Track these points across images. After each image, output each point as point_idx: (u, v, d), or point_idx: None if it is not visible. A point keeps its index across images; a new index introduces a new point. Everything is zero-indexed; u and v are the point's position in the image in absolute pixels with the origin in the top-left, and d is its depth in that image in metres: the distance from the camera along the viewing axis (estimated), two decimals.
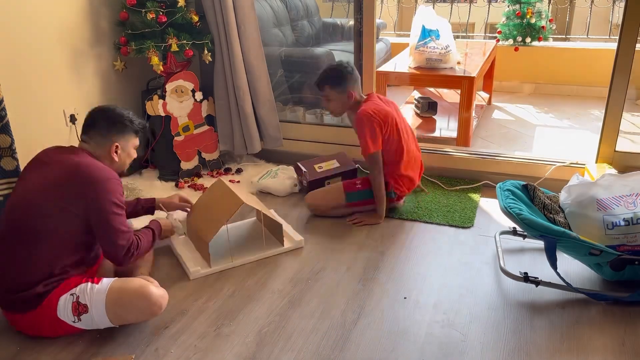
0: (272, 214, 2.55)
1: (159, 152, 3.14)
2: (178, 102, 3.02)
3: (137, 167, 3.24)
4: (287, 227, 2.52)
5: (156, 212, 2.38)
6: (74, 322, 1.84)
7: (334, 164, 2.94)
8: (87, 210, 1.84)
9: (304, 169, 2.89)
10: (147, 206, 2.36)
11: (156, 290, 1.89)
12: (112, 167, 2.00)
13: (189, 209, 2.46)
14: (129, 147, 2.08)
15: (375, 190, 2.56)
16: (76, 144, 2.03)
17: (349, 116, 2.77)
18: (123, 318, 1.87)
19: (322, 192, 2.70)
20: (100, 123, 2.00)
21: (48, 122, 2.69)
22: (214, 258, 2.30)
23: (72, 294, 1.84)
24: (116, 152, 2.02)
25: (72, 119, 2.78)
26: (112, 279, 1.90)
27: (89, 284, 1.86)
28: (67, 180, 1.85)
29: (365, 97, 2.60)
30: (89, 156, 1.95)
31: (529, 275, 2.06)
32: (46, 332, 1.88)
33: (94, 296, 1.83)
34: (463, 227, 2.56)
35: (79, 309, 1.83)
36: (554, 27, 4.83)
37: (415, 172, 2.68)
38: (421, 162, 2.75)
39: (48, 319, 1.84)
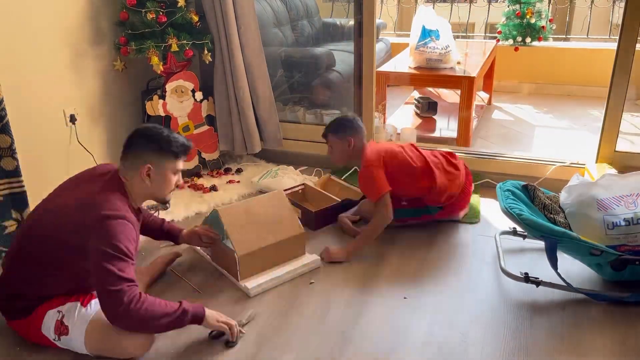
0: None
1: None
2: (178, 102, 3.02)
3: None
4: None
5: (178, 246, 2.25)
6: (54, 339, 1.78)
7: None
8: (89, 246, 1.68)
9: None
10: (171, 233, 2.21)
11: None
12: (145, 193, 1.86)
13: (209, 246, 2.25)
14: (166, 171, 1.84)
15: (369, 230, 2.36)
16: (75, 144, 2.02)
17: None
18: (100, 350, 1.75)
19: (368, 205, 2.50)
20: (136, 143, 1.83)
21: (48, 122, 2.68)
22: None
23: (59, 311, 1.77)
24: (148, 175, 1.81)
25: (72, 119, 2.78)
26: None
27: (78, 304, 1.78)
28: (77, 214, 1.71)
29: (365, 143, 2.49)
30: (113, 187, 1.78)
31: (529, 275, 2.06)
32: (36, 341, 1.84)
33: (78, 320, 1.75)
34: (470, 223, 2.56)
35: (61, 329, 1.75)
36: (554, 27, 4.83)
37: (451, 183, 2.49)
38: (463, 170, 2.58)
39: (33, 330, 1.80)
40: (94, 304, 1.79)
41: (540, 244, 2.07)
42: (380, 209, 2.35)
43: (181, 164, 1.90)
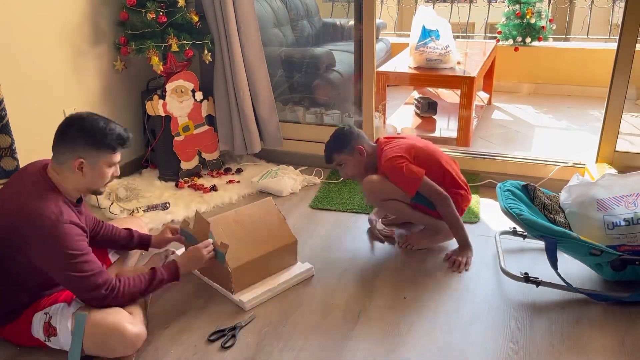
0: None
1: (159, 152, 3.14)
2: (178, 102, 3.02)
3: (137, 167, 3.24)
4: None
5: (150, 249, 2.21)
6: (45, 340, 1.76)
7: None
8: (37, 261, 1.66)
9: None
10: (143, 241, 2.16)
11: (132, 328, 1.71)
12: (79, 187, 1.76)
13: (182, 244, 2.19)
14: (101, 165, 1.74)
15: (450, 217, 2.25)
16: None
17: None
18: (89, 349, 1.71)
19: (381, 181, 2.29)
20: (69, 134, 1.71)
21: (48, 122, 2.66)
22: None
23: (45, 313, 1.76)
24: (81, 169, 1.72)
25: None
26: None
27: (64, 304, 1.76)
28: (10, 228, 1.65)
29: (374, 144, 2.39)
30: (43, 189, 1.70)
31: (529, 275, 2.06)
32: (29, 344, 1.82)
33: (65, 320, 1.73)
34: (470, 223, 2.57)
35: (49, 330, 1.74)
36: (554, 27, 4.83)
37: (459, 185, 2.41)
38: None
39: (25, 332, 1.78)
40: (79, 305, 1.77)
41: (540, 244, 2.07)
42: (432, 196, 2.22)
43: (118, 156, 1.79)
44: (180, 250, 2.18)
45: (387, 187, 2.27)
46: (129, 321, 1.72)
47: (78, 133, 1.71)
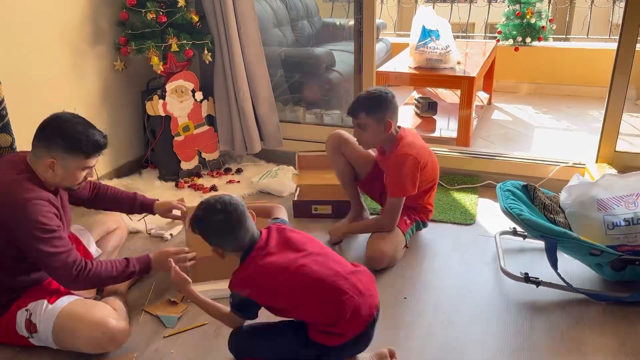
0: None
1: (159, 152, 3.14)
2: (178, 102, 3.02)
3: (137, 167, 3.24)
4: None
5: (153, 217, 2.28)
6: (28, 337, 1.78)
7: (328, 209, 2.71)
8: (10, 238, 1.69)
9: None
10: (145, 205, 2.22)
11: (116, 323, 1.75)
12: (52, 182, 1.79)
13: (185, 209, 2.24)
14: (72, 168, 1.76)
15: (374, 227, 2.32)
16: None
17: (379, 150, 2.41)
18: (70, 346, 1.75)
19: (379, 241, 2.25)
20: (46, 133, 1.75)
21: None
22: None
23: (27, 310, 1.77)
24: (52, 168, 1.74)
25: None
26: (71, 298, 1.79)
27: (45, 302, 1.77)
28: None
29: (398, 130, 2.28)
30: (21, 171, 1.75)
31: (529, 275, 2.06)
32: (17, 342, 1.82)
33: (44, 317, 1.74)
34: (465, 224, 2.57)
35: (30, 327, 1.76)
36: (554, 27, 4.83)
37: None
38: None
39: (12, 330, 1.79)
40: (60, 301, 1.78)
41: (540, 244, 2.07)
42: (391, 212, 2.24)
43: (93, 161, 1.81)
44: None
45: (389, 245, 2.24)
46: (113, 317, 1.77)
47: (55, 134, 1.74)
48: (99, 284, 1.87)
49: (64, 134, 1.73)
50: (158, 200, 2.28)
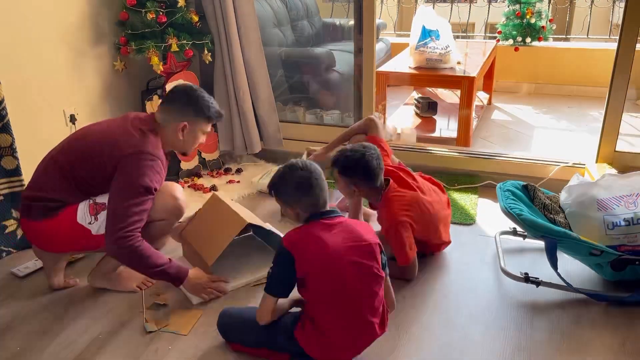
0: (269, 226, 2.34)
1: None
2: None
3: None
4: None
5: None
6: (90, 223, 1.91)
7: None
8: (109, 176, 1.89)
9: None
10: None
11: (182, 196, 2.06)
12: (175, 145, 2.05)
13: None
14: (197, 131, 2.05)
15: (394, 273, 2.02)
16: None
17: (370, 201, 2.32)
18: (156, 213, 1.97)
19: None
20: (178, 101, 2.01)
21: (48, 122, 2.68)
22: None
23: (90, 199, 1.94)
24: (182, 130, 2.00)
25: (72, 118, 2.78)
26: None
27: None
28: (118, 143, 1.90)
29: (383, 180, 2.16)
30: (150, 127, 1.96)
31: (529, 275, 2.06)
32: (58, 244, 1.98)
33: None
34: (465, 224, 2.57)
35: (96, 208, 1.92)
36: (554, 27, 4.83)
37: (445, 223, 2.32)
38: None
39: (64, 228, 1.91)
40: None
41: (540, 244, 2.07)
42: (409, 270, 2.15)
43: (210, 127, 2.09)
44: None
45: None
46: (179, 191, 2.07)
47: (187, 100, 2.00)
48: (136, 265, 1.91)
49: (195, 101, 2.01)
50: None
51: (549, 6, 5.20)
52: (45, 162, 1.99)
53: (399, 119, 3.93)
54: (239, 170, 3.24)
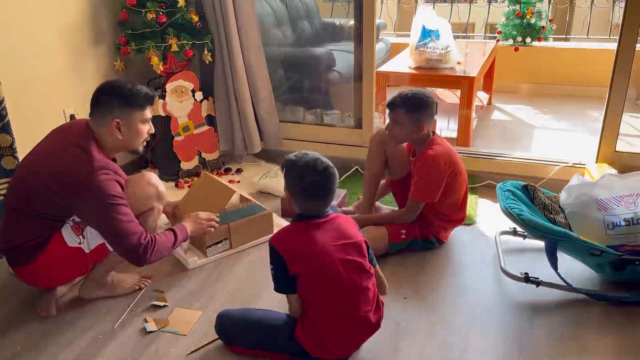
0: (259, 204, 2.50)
1: (159, 152, 3.14)
2: (178, 102, 3.02)
3: (137, 167, 3.24)
4: (275, 218, 2.57)
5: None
6: (80, 243, 1.90)
7: None
8: (78, 211, 1.87)
9: None
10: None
11: (159, 183, 2.09)
12: (118, 146, 1.94)
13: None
14: (135, 122, 1.92)
15: (392, 218, 2.36)
16: None
17: (411, 152, 2.44)
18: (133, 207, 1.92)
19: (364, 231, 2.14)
20: (102, 100, 1.89)
21: (48, 122, 2.65)
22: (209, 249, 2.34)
23: (68, 221, 1.91)
24: (118, 128, 1.88)
25: (72, 118, 2.78)
26: None
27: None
28: (58, 175, 1.82)
29: (432, 134, 2.32)
30: (88, 140, 1.85)
31: (529, 275, 2.06)
32: (57, 275, 1.96)
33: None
34: (465, 224, 2.57)
35: (80, 226, 1.90)
36: (554, 27, 4.83)
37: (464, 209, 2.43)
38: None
39: (60, 255, 1.89)
40: None
41: (540, 244, 2.07)
42: (408, 212, 2.29)
43: (148, 113, 1.97)
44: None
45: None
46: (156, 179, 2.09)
47: (110, 96, 1.88)
48: (159, 258, 1.93)
49: (118, 93, 1.88)
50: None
51: (549, 6, 5.20)
52: (5, 215, 1.92)
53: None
54: (239, 170, 3.24)
